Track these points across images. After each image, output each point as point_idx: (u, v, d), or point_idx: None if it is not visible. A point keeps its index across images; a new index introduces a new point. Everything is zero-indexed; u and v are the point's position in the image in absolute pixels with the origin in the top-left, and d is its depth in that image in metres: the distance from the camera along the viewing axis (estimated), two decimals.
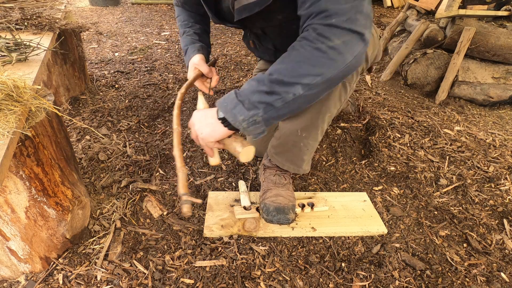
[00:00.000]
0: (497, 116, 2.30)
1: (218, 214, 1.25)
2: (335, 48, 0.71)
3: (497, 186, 1.53)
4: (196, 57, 1.18)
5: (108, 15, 4.63)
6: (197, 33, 1.27)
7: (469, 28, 2.27)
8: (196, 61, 1.17)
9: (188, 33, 1.26)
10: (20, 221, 0.90)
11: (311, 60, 0.73)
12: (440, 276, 1.10)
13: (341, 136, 1.77)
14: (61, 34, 1.73)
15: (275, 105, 0.77)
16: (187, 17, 1.29)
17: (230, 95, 0.82)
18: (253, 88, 0.78)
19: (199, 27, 1.28)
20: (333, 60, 0.72)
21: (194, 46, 1.22)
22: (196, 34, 1.26)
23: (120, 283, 1.01)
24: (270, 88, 0.76)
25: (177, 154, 0.87)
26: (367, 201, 1.38)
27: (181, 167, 0.85)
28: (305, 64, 0.73)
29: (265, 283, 1.03)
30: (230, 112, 0.80)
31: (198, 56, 1.18)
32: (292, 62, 0.75)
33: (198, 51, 1.20)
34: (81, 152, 1.56)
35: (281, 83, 0.75)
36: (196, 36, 1.26)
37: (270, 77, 0.76)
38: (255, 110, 0.78)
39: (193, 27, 1.27)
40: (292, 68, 0.74)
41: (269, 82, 0.76)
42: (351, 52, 0.72)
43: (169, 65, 2.78)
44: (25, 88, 0.82)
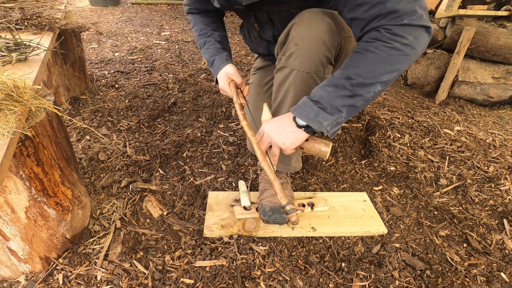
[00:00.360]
0: (497, 116, 2.30)
1: (218, 214, 1.25)
2: (409, 45, 0.77)
3: (497, 186, 1.53)
4: (229, 67, 1.21)
5: (108, 15, 4.63)
6: (218, 41, 1.27)
7: (469, 28, 2.27)
8: (231, 71, 1.20)
9: (210, 43, 1.26)
10: (20, 221, 0.90)
11: (389, 60, 0.78)
12: (440, 276, 1.10)
13: (341, 136, 1.77)
14: (61, 34, 1.73)
15: (357, 105, 0.85)
16: (204, 26, 1.29)
17: (306, 103, 0.88)
18: (334, 94, 0.83)
19: (218, 35, 1.29)
20: (408, 55, 0.79)
21: (221, 56, 1.23)
22: (218, 42, 1.27)
23: (120, 283, 1.01)
24: (352, 92, 0.82)
25: (266, 165, 0.92)
26: (367, 201, 1.38)
27: (275, 178, 0.91)
28: (383, 64, 0.79)
29: (265, 283, 1.03)
30: (315, 119, 0.86)
31: (231, 67, 1.21)
32: (371, 64, 0.80)
33: (227, 61, 1.22)
34: (81, 152, 1.57)
35: (362, 85, 0.81)
36: (219, 45, 1.26)
37: (351, 81, 0.81)
38: (338, 114, 0.85)
39: (213, 35, 1.28)
40: (371, 70, 0.80)
41: (351, 86, 0.81)
42: (421, 45, 0.79)
43: (169, 65, 2.78)
44: (25, 88, 0.82)
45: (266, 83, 1.42)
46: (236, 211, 1.25)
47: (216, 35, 1.28)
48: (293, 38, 0.98)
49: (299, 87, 1.03)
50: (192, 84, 2.40)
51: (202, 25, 1.29)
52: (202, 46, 1.29)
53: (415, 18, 0.75)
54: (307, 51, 0.96)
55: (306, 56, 0.97)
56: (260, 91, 1.40)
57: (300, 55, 0.98)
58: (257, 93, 1.41)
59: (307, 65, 0.98)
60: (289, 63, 1.01)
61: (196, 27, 1.31)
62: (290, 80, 1.03)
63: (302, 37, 0.95)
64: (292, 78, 1.02)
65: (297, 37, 0.97)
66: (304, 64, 0.98)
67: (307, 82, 1.01)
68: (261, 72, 1.45)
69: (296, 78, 1.01)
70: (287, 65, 1.02)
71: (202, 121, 1.92)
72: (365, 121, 1.90)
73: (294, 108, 0.91)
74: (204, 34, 1.28)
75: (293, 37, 0.98)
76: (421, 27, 0.77)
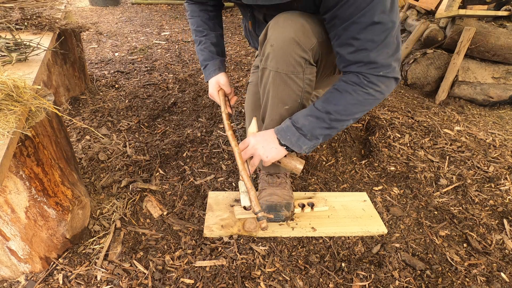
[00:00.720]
0: (497, 116, 2.30)
1: (218, 214, 1.25)
2: (380, 92, 0.93)
3: (497, 186, 1.53)
4: (221, 77, 1.24)
5: (108, 15, 4.63)
6: (213, 43, 1.27)
7: (469, 28, 2.27)
8: (222, 81, 1.25)
9: (205, 44, 1.27)
10: (20, 221, 0.90)
11: (363, 102, 0.94)
12: (440, 276, 1.10)
13: (341, 136, 1.77)
14: (61, 34, 1.73)
15: (332, 134, 1.01)
16: (201, 23, 1.28)
17: (289, 127, 1.01)
18: (315, 124, 0.98)
19: (214, 35, 1.28)
20: (377, 99, 0.95)
21: (214, 63, 1.24)
22: (213, 45, 1.27)
23: (120, 283, 1.01)
24: (330, 125, 0.97)
25: (245, 174, 1.05)
26: (367, 201, 1.38)
27: (252, 186, 1.04)
28: (358, 105, 0.94)
29: (265, 283, 1.03)
30: (296, 144, 1.01)
31: (223, 76, 1.25)
32: (347, 104, 0.94)
33: (219, 70, 1.24)
34: (81, 152, 1.57)
35: (338, 120, 0.97)
36: (213, 48, 1.27)
37: (330, 116, 0.96)
38: (316, 140, 1.01)
39: (209, 35, 1.27)
40: (348, 109, 0.95)
41: (329, 120, 0.96)
42: (389, 90, 0.96)
43: (169, 65, 2.78)
44: (25, 88, 0.82)
45: None
46: (236, 211, 1.25)
47: (212, 35, 1.28)
48: (268, 39, 0.99)
49: (277, 87, 1.04)
50: (192, 84, 2.40)
51: (200, 21, 1.29)
52: (197, 43, 1.29)
53: (389, 71, 0.90)
54: (281, 52, 0.97)
55: (281, 57, 0.98)
56: (258, 90, 1.40)
57: (275, 56, 0.99)
58: (256, 92, 1.41)
59: (282, 66, 0.99)
60: (267, 64, 1.02)
61: (193, 20, 1.30)
62: (269, 81, 1.04)
63: (277, 38, 0.97)
64: (271, 79, 1.03)
65: (272, 38, 0.98)
66: (280, 65, 0.99)
67: (286, 82, 1.02)
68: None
69: (274, 79, 1.02)
70: (266, 66, 1.03)
71: (202, 121, 1.92)
72: (365, 121, 1.90)
73: (278, 130, 1.03)
74: (201, 32, 1.28)
75: (269, 37, 0.99)
76: (392, 78, 0.93)
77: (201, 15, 1.28)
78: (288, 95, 1.04)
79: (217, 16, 1.33)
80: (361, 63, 0.90)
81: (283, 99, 1.06)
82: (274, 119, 1.10)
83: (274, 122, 1.10)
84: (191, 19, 1.31)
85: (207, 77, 1.29)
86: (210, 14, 1.30)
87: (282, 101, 1.06)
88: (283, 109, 1.07)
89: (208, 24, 1.29)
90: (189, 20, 1.32)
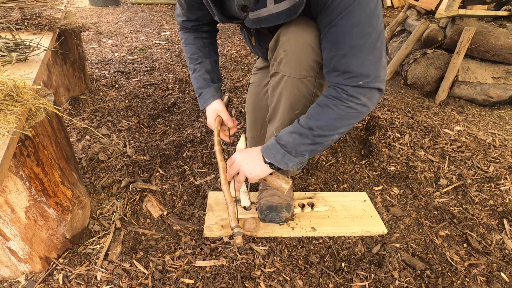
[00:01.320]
0: (497, 116, 2.30)
1: (218, 214, 1.25)
2: (362, 104, 0.89)
3: (497, 186, 1.53)
4: (217, 104, 1.22)
5: (108, 15, 4.63)
6: (208, 71, 1.25)
7: (469, 28, 2.28)
8: (219, 108, 1.23)
9: (199, 72, 1.24)
10: (20, 221, 0.90)
11: (345, 116, 0.90)
12: (440, 276, 1.10)
13: (341, 136, 1.77)
14: (61, 34, 1.73)
15: (318, 149, 0.98)
16: (195, 50, 1.25)
17: (274, 145, 0.99)
18: (298, 141, 0.95)
19: (209, 62, 1.26)
20: (361, 112, 0.91)
21: (209, 90, 1.22)
22: (207, 72, 1.25)
23: (120, 283, 1.01)
24: (313, 140, 0.94)
25: (225, 189, 1.03)
26: (367, 201, 1.38)
27: (232, 201, 1.01)
28: (340, 119, 0.91)
29: (265, 283, 1.03)
30: (282, 161, 0.98)
31: (219, 103, 1.22)
32: (329, 119, 0.91)
33: (214, 97, 1.22)
34: (81, 152, 1.57)
35: (322, 136, 0.94)
36: (208, 75, 1.24)
37: (312, 132, 0.93)
38: (302, 157, 0.98)
39: (203, 63, 1.25)
40: (330, 124, 0.92)
41: (312, 136, 0.93)
42: (373, 102, 0.91)
43: (169, 65, 2.78)
44: (25, 88, 0.83)
45: (266, 84, 1.42)
46: None
47: (207, 62, 1.26)
48: (282, 45, 0.99)
49: (290, 92, 1.03)
50: (192, 84, 2.40)
51: (194, 49, 1.25)
52: (192, 71, 1.27)
53: (369, 81, 0.86)
54: (295, 56, 0.97)
55: (295, 62, 0.97)
56: (259, 92, 1.40)
57: (289, 61, 0.98)
58: (257, 93, 1.41)
59: (296, 71, 0.98)
60: (280, 69, 1.02)
61: (188, 48, 1.27)
62: (282, 85, 1.04)
63: (290, 43, 0.96)
64: (284, 83, 1.03)
65: (285, 43, 0.97)
66: (294, 70, 0.99)
67: (298, 87, 1.01)
68: (261, 72, 1.45)
69: (287, 84, 1.02)
70: (278, 71, 1.03)
71: (202, 121, 1.92)
72: (365, 121, 1.90)
73: (264, 148, 1.02)
74: (195, 60, 1.25)
75: (282, 43, 0.98)
76: (374, 89, 0.88)
77: (195, 43, 1.25)
78: (299, 100, 1.04)
79: (212, 42, 1.30)
80: (338, 72, 0.87)
81: (294, 104, 1.05)
82: (284, 123, 1.09)
83: (284, 126, 1.09)
84: (185, 47, 1.28)
85: (202, 104, 1.26)
86: (205, 41, 1.27)
87: (293, 106, 1.06)
88: (293, 114, 1.07)
89: (203, 51, 1.26)
90: (184, 47, 1.29)
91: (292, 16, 0.87)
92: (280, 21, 0.89)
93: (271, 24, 0.91)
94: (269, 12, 0.87)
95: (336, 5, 0.80)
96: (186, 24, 1.23)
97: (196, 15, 1.18)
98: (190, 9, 1.15)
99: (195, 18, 1.19)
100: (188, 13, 1.17)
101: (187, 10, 1.16)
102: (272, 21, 0.90)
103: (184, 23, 1.23)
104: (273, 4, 0.85)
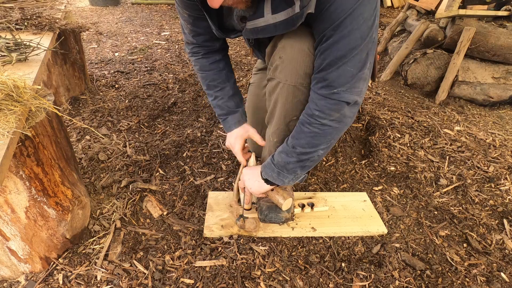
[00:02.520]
0: (497, 116, 2.30)
1: (218, 214, 1.25)
2: (336, 120, 0.91)
3: (497, 186, 1.53)
4: (243, 129, 1.23)
5: (108, 15, 4.63)
6: (230, 97, 1.21)
7: (469, 28, 2.27)
8: (246, 134, 1.24)
9: (222, 100, 1.20)
10: (20, 221, 0.90)
11: (321, 134, 0.93)
12: (440, 276, 1.10)
13: (341, 136, 1.77)
14: (61, 34, 1.73)
15: (307, 164, 1.01)
16: (214, 77, 1.19)
17: (269, 164, 1.06)
18: (286, 160, 1.01)
19: (229, 87, 1.21)
20: (337, 128, 0.93)
21: (234, 116, 1.22)
22: (230, 98, 1.21)
23: (120, 283, 1.01)
24: (298, 158, 0.99)
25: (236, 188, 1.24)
26: (367, 201, 1.38)
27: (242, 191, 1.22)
28: (317, 136, 0.94)
29: (265, 283, 1.03)
30: (277, 179, 1.05)
31: (245, 128, 1.24)
32: (308, 137, 0.95)
33: (240, 123, 1.23)
34: (81, 152, 1.57)
35: (304, 153, 0.97)
36: (232, 102, 1.21)
37: (294, 150, 0.98)
38: (294, 173, 1.03)
39: (224, 90, 1.20)
40: (309, 142, 0.95)
41: (296, 154, 0.98)
42: (350, 116, 0.93)
43: (169, 65, 2.78)
44: (25, 88, 0.83)
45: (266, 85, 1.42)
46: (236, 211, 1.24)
47: (227, 88, 1.21)
48: (278, 51, 0.98)
49: (286, 99, 1.03)
50: (192, 84, 2.40)
51: (212, 75, 1.19)
52: (212, 98, 1.23)
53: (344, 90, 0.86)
54: (291, 63, 0.96)
55: (290, 69, 0.97)
56: (259, 92, 1.41)
57: (285, 68, 0.97)
58: (257, 94, 1.41)
59: (292, 78, 0.98)
60: (276, 76, 1.01)
61: (205, 75, 1.20)
62: (277, 91, 1.03)
63: (286, 49, 0.95)
64: (279, 90, 1.02)
65: (281, 50, 0.97)
66: (290, 77, 0.98)
67: (294, 94, 1.01)
68: (262, 73, 1.45)
69: (282, 90, 1.01)
70: (274, 77, 1.02)
71: (202, 121, 1.92)
72: (365, 121, 1.90)
73: (262, 167, 1.09)
74: (214, 87, 1.20)
75: (278, 49, 0.98)
76: (347, 104, 0.88)
77: (212, 68, 1.19)
78: (296, 106, 1.04)
79: (227, 62, 1.23)
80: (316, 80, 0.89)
81: (290, 110, 1.05)
82: (279, 128, 1.10)
83: (280, 131, 1.10)
84: (202, 74, 1.20)
85: (227, 129, 1.25)
86: (221, 64, 1.20)
87: (289, 112, 1.05)
88: (290, 120, 1.07)
89: (221, 76, 1.20)
90: (200, 74, 1.21)
91: (289, 28, 0.85)
92: (278, 32, 0.88)
93: (268, 35, 0.90)
94: (266, 23, 0.86)
95: (329, 14, 0.79)
96: (197, 49, 1.17)
97: (202, 28, 1.10)
98: (195, 23, 1.08)
99: (203, 31, 1.11)
100: (194, 28, 1.10)
101: (193, 25, 1.09)
102: (269, 32, 0.88)
103: (194, 48, 1.16)
104: (270, 14, 0.84)
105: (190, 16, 1.06)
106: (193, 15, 1.06)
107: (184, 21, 1.10)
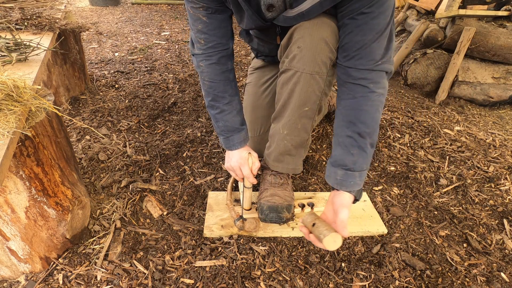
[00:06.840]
0: (497, 116, 2.30)
1: (218, 214, 1.25)
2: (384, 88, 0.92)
3: (497, 186, 1.53)
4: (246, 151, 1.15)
5: (108, 15, 4.63)
6: (238, 112, 1.15)
7: (469, 28, 2.27)
8: (255, 154, 1.17)
9: (230, 115, 1.13)
10: (20, 221, 0.90)
11: (379, 104, 0.92)
12: (440, 276, 1.10)
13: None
14: (61, 34, 1.73)
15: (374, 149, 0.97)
16: (223, 88, 1.11)
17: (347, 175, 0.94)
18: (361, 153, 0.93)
19: (237, 101, 1.15)
20: (384, 98, 0.94)
21: (240, 134, 1.15)
22: (238, 114, 1.15)
23: (120, 283, 1.01)
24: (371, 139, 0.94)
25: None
26: (367, 201, 1.38)
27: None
28: (377, 107, 0.92)
29: (265, 283, 1.03)
30: (361, 181, 0.96)
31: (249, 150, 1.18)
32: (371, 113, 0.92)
33: (244, 142, 1.16)
34: (81, 152, 1.57)
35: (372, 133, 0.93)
36: (239, 117, 1.15)
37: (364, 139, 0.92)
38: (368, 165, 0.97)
39: (232, 103, 1.13)
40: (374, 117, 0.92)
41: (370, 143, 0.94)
42: (387, 86, 0.95)
43: (169, 65, 2.78)
44: (25, 88, 0.82)
45: (263, 83, 1.43)
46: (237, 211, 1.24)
47: (236, 102, 1.14)
48: (296, 41, 0.99)
49: (302, 88, 1.04)
50: (192, 84, 2.40)
51: (222, 86, 1.11)
52: (217, 110, 1.14)
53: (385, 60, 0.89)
54: (309, 53, 0.97)
55: (308, 58, 0.98)
56: (257, 91, 1.41)
57: (303, 57, 0.98)
58: (255, 92, 1.41)
59: (310, 66, 0.99)
60: (293, 65, 1.02)
61: (214, 85, 1.11)
62: (293, 81, 1.04)
63: (305, 39, 0.96)
64: (296, 79, 1.03)
65: (299, 40, 0.97)
66: (307, 66, 0.99)
67: (310, 83, 1.02)
68: (258, 72, 1.45)
69: (299, 80, 1.02)
70: (290, 67, 1.03)
71: (202, 121, 1.92)
72: None
73: (346, 186, 0.95)
74: (223, 98, 1.12)
75: (296, 40, 0.98)
76: (384, 72, 0.91)
77: (223, 79, 1.10)
78: (309, 96, 1.04)
79: (235, 75, 1.16)
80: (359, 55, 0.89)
81: (305, 100, 1.06)
82: (292, 120, 1.10)
83: (291, 122, 1.10)
84: (211, 83, 1.11)
85: (230, 147, 1.17)
86: (230, 75, 1.13)
87: (304, 102, 1.06)
88: (302, 110, 1.07)
89: (232, 87, 1.13)
90: (208, 83, 1.11)
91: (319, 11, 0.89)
92: (324, 8, 0.89)
93: (312, 16, 0.92)
94: (311, 3, 0.88)
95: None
96: (211, 51, 1.07)
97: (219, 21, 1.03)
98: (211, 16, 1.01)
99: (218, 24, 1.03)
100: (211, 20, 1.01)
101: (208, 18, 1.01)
102: (314, 12, 0.90)
103: (209, 49, 1.06)
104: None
105: (208, 8, 0.99)
106: (211, 7, 0.99)
107: (197, 16, 1.01)
